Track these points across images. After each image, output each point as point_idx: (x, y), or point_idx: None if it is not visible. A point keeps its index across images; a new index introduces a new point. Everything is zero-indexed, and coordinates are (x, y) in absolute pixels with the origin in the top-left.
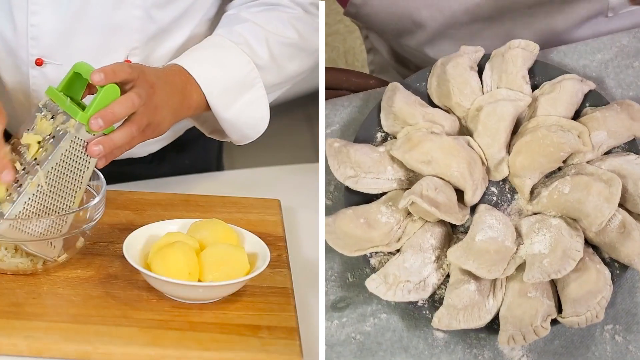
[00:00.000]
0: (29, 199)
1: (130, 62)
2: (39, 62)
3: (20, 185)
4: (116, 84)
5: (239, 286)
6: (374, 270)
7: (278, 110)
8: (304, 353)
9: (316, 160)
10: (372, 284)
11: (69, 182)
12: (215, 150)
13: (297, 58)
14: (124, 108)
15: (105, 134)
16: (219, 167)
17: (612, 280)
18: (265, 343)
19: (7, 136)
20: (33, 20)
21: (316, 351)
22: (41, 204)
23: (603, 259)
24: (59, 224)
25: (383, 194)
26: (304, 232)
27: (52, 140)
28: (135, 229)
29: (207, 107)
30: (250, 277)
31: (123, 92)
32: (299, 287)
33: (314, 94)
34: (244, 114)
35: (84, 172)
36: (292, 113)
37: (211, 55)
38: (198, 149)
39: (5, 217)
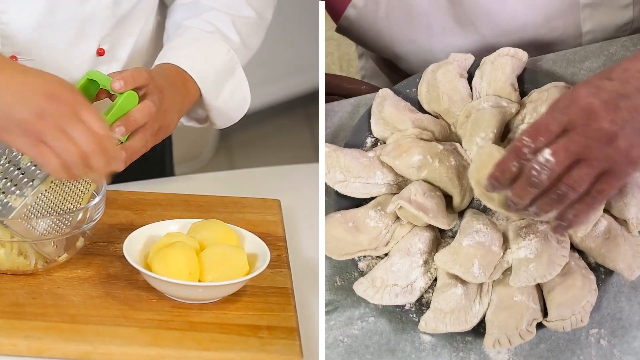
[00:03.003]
0: (42, 194)
1: (103, 50)
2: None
3: (32, 180)
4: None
5: (239, 286)
6: (362, 273)
7: (278, 110)
8: (303, 353)
9: (316, 160)
10: (360, 287)
11: (80, 181)
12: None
13: (257, 35)
14: (144, 116)
15: (121, 141)
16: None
17: (598, 285)
18: (265, 343)
19: None
20: (2, 19)
21: (316, 351)
22: (51, 200)
23: (589, 264)
24: (64, 224)
25: (372, 198)
26: (304, 232)
27: None
28: (135, 229)
29: (198, 99)
30: (250, 277)
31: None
32: (299, 287)
33: (314, 94)
34: (230, 99)
35: None
36: (292, 113)
37: (196, 49)
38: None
39: (16, 210)
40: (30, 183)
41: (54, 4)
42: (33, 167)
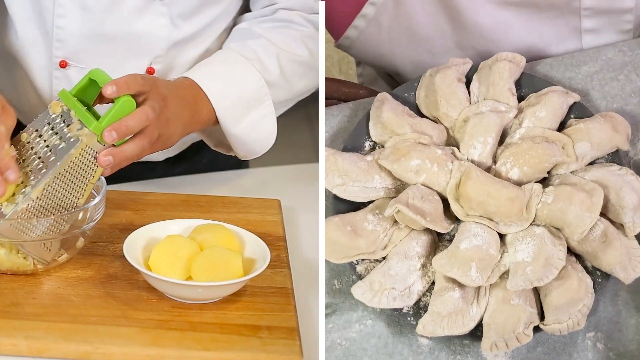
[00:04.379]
0: (33, 201)
1: (154, 69)
2: (63, 64)
3: (25, 187)
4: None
5: (239, 286)
6: (360, 277)
7: None
8: (303, 353)
9: (316, 160)
10: (358, 290)
11: (74, 187)
12: None
13: (307, 76)
14: (138, 122)
15: (115, 145)
16: (240, 167)
17: (594, 288)
18: (265, 343)
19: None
20: (59, 23)
21: (316, 351)
22: (43, 206)
23: (585, 268)
24: (57, 227)
25: (370, 202)
26: (304, 232)
27: (62, 145)
28: (136, 229)
29: (216, 122)
30: (250, 277)
31: (136, 103)
32: (299, 287)
33: (314, 95)
34: (252, 130)
35: (89, 179)
36: (292, 113)
37: (223, 70)
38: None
39: (6, 217)
40: (23, 190)
41: (109, 15)
42: (28, 172)
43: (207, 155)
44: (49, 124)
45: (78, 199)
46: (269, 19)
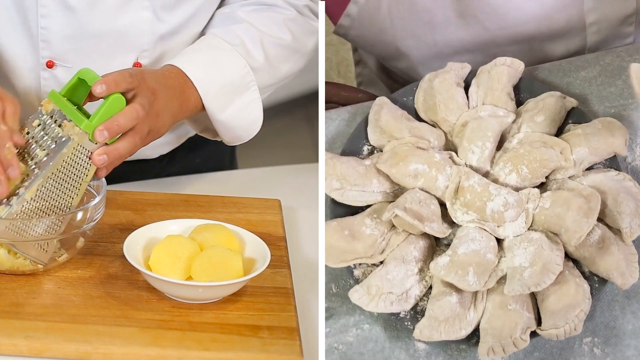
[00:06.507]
0: (27, 202)
1: (141, 64)
2: (50, 65)
3: (19, 188)
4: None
5: (239, 286)
6: (357, 281)
7: (278, 110)
8: (303, 353)
9: (316, 160)
10: (355, 295)
11: (67, 187)
12: (228, 149)
13: (290, 60)
14: (129, 120)
15: (107, 144)
16: (232, 165)
17: (591, 293)
18: (266, 343)
19: None
20: (43, 23)
21: (316, 351)
22: (38, 207)
23: (582, 273)
24: (53, 228)
25: (368, 206)
26: (304, 232)
27: (54, 145)
28: (136, 229)
29: (203, 109)
30: (250, 277)
31: (126, 99)
32: (299, 288)
33: (314, 94)
34: (238, 117)
35: (82, 178)
36: (292, 113)
37: (208, 57)
38: (210, 148)
39: (1, 219)
40: (17, 191)
41: (91, 13)
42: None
43: (200, 154)
44: (39, 124)
45: (72, 198)
46: (252, 2)
